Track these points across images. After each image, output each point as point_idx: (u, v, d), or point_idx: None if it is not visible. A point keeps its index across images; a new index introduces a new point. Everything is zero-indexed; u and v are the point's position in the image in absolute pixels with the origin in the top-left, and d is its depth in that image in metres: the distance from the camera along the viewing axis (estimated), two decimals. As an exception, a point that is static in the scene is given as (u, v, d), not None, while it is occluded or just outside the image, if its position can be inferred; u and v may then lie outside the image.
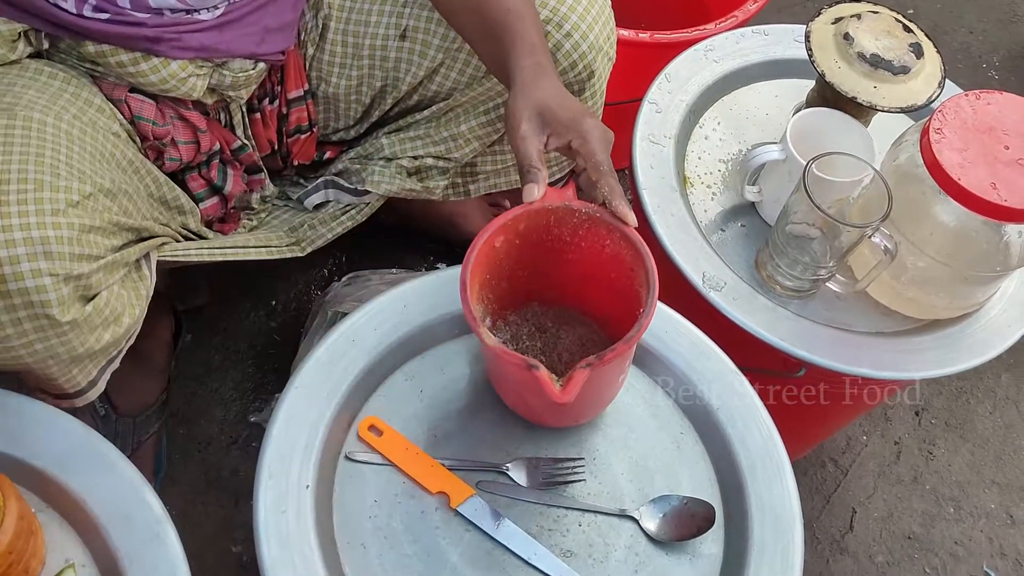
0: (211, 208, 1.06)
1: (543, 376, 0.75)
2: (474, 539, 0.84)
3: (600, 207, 0.82)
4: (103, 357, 0.90)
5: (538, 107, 0.83)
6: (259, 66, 1.03)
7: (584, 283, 0.88)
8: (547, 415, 0.89)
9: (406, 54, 1.08)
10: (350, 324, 0.92)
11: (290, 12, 1.04)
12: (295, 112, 1.12)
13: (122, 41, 0.93)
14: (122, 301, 0.88)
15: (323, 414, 0.86)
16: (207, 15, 0.97)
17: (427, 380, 0.92)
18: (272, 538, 0.80)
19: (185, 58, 0.96)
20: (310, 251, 1.13)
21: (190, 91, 0.99)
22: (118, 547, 0.78)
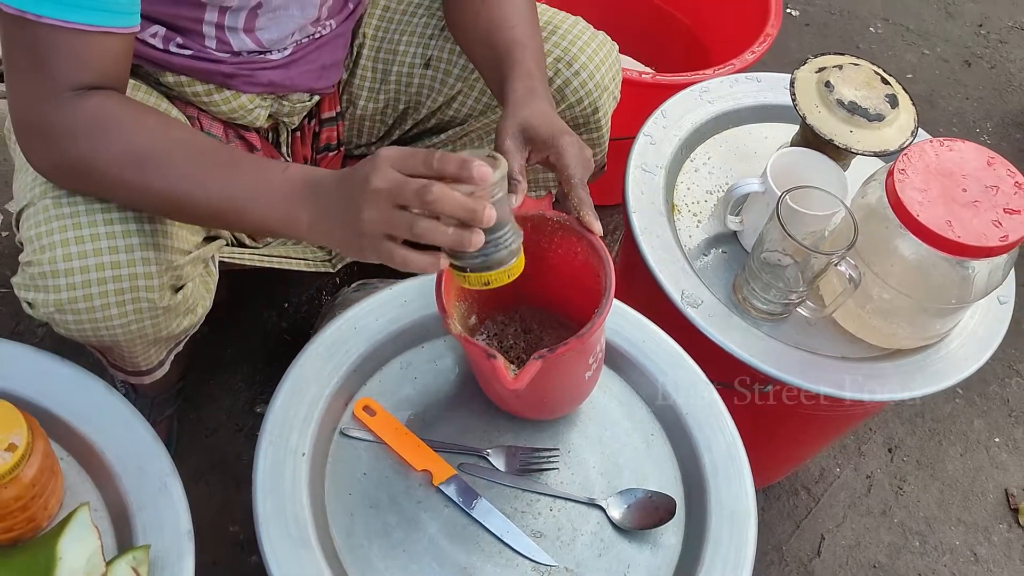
0: None
1: (499, 364, 0.81)
2: (452, 515, 0.92)
3: (571, 216, 0.90)
4: (175, 341, 1.01)
5: (522, 124, 0.91)
6: (314, 98, 1.14)
7: (565, 288, 0.96)
8: (520, 406, 0.96)
9: (428, 81, 1.18)
10: (354, 313, 1.01)
11: (341, 50, 1.14)
12: (326, 131, 1.22)
13: (200, 75, 1.03)
14: (198, 293, 0.99)
15: (323, 391, 0.95)
16: (277, 55, 1.06)
17: (421, 369, 1.00)
18: (268, 497, 0.88)
19: (254, 92, 1.06)
20: (340, 267, 1.21)
21: (254, 120, 1.09)
22: (129, 495, 0.86)
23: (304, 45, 1.09)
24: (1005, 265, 1.03)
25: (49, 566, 0.78)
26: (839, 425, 1.28)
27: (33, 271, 0.88)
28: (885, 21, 2.28)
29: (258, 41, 1.03)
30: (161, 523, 0.85)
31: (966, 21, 2.33)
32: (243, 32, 1.01)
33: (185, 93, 1.04)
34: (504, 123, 0.91)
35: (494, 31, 1.01)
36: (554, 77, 1.11)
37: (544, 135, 0.90)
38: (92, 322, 0.89)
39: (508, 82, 0.95)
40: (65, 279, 0.87)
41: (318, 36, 1.10)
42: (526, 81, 0.95)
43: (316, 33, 1.09)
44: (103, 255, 0.87)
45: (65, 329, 0.91)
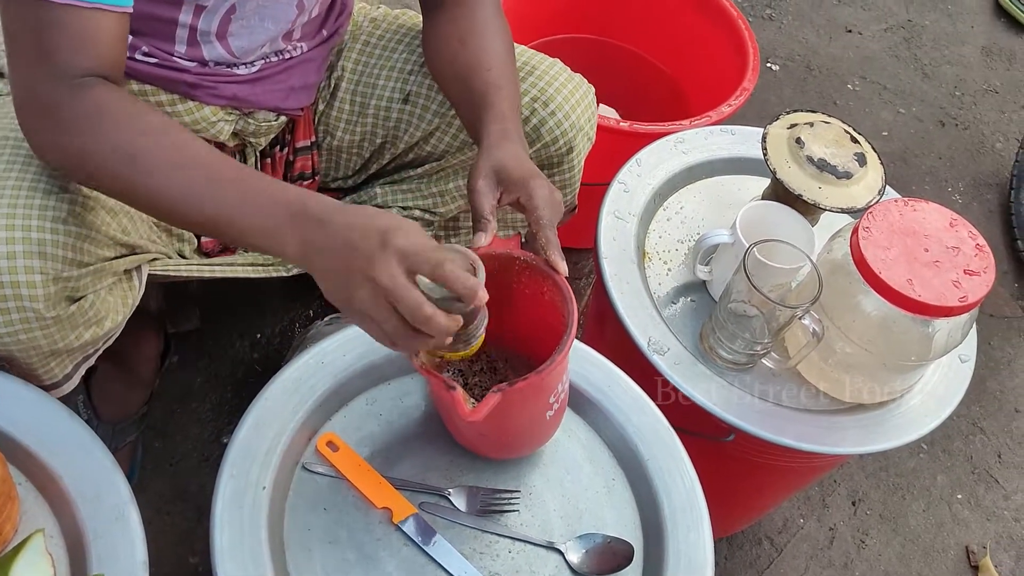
0: (210, 242, 1.16)
1: (458, 396, 0.82)
2: (411, 554, 0.92)
3: (537, 256, 0.92)
4: (80, 354, 0.98)
5: (495, 166, 0.92)
6: (280, 119, 1.15)
7: (531, 328, 0.96)
8: (482, 443, 0.97)
9: (407, 116, 1.19)
10: (321, 348, 1.01)
11: (313, 75, 1.16)
12: (300, 160, 1.23)
13: (165, 84, 1.04)
14: (107, 305, 0.96)
15: (286, 425, 0.95)
16: (244, 70, 1.08)
17: (386, 407, 1.01)
18: (226, 530, 0.87)
19: (217, 104, 1.07)
20: (295, 272, 1.21)
21: (217, 134, 1.09)
22: (86, 522, 0.86)
23: (273, 64, 1.10)
24: (965, 325, 1.05)
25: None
26: (801, 477, 1.29)
27: None
28: (863, 79, 2.33)
29: (229, 49, 1.04)
30: (117, 553, 0.84)
31: (942, 83, 2.39)
32: (215, 38, 1.02)
33: (149, 103, 1.04)
34: (477, 164, 0.93)
35: (471, 73, 1.03)
36: (530, 116, 1.13)
37: (516, 177, 0.91)
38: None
39: (483, 124, 0.97)
40: None
41: (288, 56, 1.11)
42: (500, 123, 0.97)
43: (286, 52, 1.11)
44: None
45: None
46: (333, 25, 1.16)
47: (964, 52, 2.49)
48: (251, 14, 1.02)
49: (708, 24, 1.71)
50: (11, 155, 0.90)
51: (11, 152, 0.90)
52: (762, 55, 2.27)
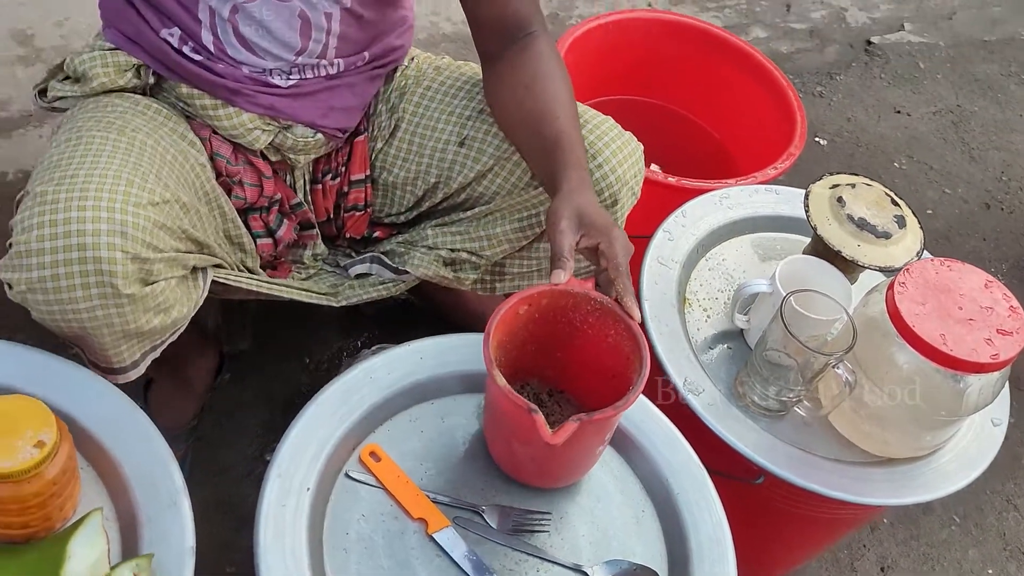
0: (264, 247, 1.23)
1: (540, 419, 0.87)
2: (442, 564, 0.95)
3: (612, 300, 0.97)
4: (148, 341, 1.06)
5: (577, 211, 0.99)
6: (318, 136, 1.22)
7: (583, 369, 1.01)
8: (528, 469, 1.01)
9: (461, 158, 1.26)
10: (371, 364, 1.06)
11: (353, 99, 1.24)
12: (354, 192, 1.30)
13: (209, 88, 1.14)
14: (175, 296, 1.04)
15: (333, 433, 1.00)
16: (280, 81, 1.17)
17: (428, 424, 1.05)
18: (270, 526, 0.92)
19: (255, 112, 1.17)
20: (344, 304, 1.28)
21: (254, 141, 1.18)
22: (140, 507, 0.91)
23: (310, 80, 1.18)
24: (996, 384, 1.07)
25: (57, 564, 0.83)
26: (829, 530, 1.30)
27: (13, 251, 0.96)
28: (910, 158, 2.37)
29: (246, 44, 1.13)
30: (167, 537, 0.89)
31: (989, 167, 2.42)
32: (229, 26, 1.11)
33: (196, 106, 1.15)
34: (560, 205, 0.99)
35: (540, 119, 1.10)
36: None
37: (599, 224, 0.98)
38: (59, 303, 0.96)
39: (560, 169, 1.04)
40: (36, 258, 0.95)
41: (325, 74, 1.19)
42: (578, 171, 1.04)
43: (322, 68, 1.19)
44: (72, 237, 0.94)
45: (38, 312, 0.98)
46: (377, 52, 1.23)
47: (1013, 139, 2.52)
48: (252, 11, 1.11)
49: (759, 90, 1.77)
50: (112, 147, 1.02)
51: (112, 145, 1.02)
52: (811, 130, 2.32)
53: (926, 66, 2.67)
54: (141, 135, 1.07)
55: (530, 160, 1.14)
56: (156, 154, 1.07)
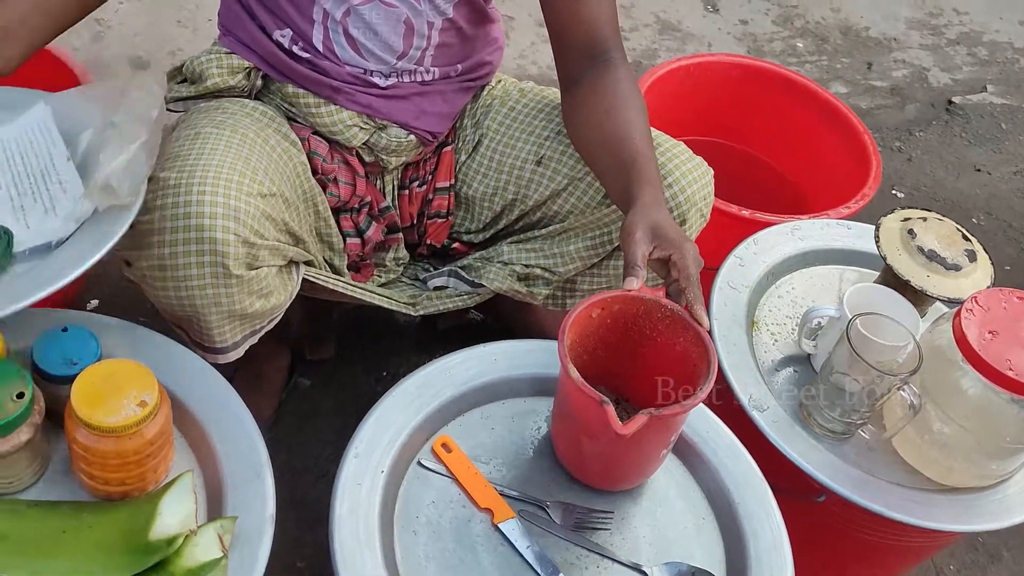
0: (352, 246, 1.31)
1: (611, 410, 0.91)
2: (506, 553, 0.99)
3: (683, 308, 1.01)
4: (248, 324, 1.15)
5: (652, 224, 1.04)
6: (410, 138, 1.30)
7: (648, 378, 1.04)
8: (593, 469, 1.04)
9: (538, 176, 1.32)
10: (447, 361, 1.12)
11: (444, 106, 1.32)
12: (439, 199, 1.37)
13: (314, 86, 1.24)
14: (274, 284, 1.14)
15: (409, 422, 1.05)
16: (379, 81, 1.26)
17: (498, 422, 1.10)
18: (346, 500, 0.97)
19: (354, 110, 1.26)
20: (422, 313, 1.35)
21: (351, 138, 1.27)
22: (226, 476, 0.97)
23: (405, 84, 1.27)
24: (1064, 413, 1.07)
25: (149, 519, 0.89)
26: (887, 558, 1.30)
27: (135, 231, 1.05)
28: (988, 215, 2.36)
29: (354, 46, 1.22)
30: (249, 505, 0.95)
31: (1071, 228, 2.39)
32: (341, 31, 1.21)
33: (300, 105, 1.26)
34: (635, 218, 1.05)
35: (617, 144, 1.16)
36: None
37: (672, 237, 1.03)
38: (175, 280, 1.06)
39: (635, 187, 1.09)
40: (157, 237, 1.05)
41: (420, 80, 1.27)
42: (653, 189, 1.09)
43: (417, 74, 1.27)
44: (190, 219, 1.04)
45: (153, 289, 1.08)
46: (469, 66, 1.31)
47: (1096, 202, 2.49)
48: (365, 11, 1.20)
49: (835, 137, 1.80)
50: (225, 143, 1.12)
51: (226, 141, 1.12)
52: (888, 182, 2.34)
53: (1008, 127, 2.66)
54: (251, 133, 1.17)
55: (605, 179, 1.19)
56: (263, 151, 1.17)
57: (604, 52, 1.22)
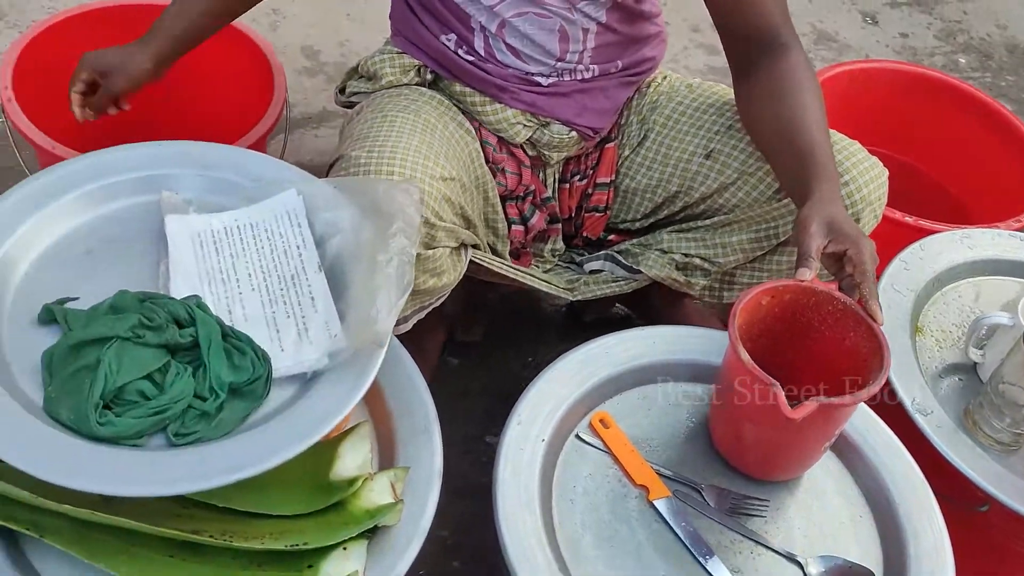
0: (516, 233, 1.35)
1: (780, 394, 0.92)
2: (660, 530, 1.00)
3: (856, 302, 1.01)
4: (419, 301, 1.20)
5: (828, 218, 1.04)
6: (572, 134, 1.33)
7: (811, 370, 1.03)
8: (752, 457, 1.04)
9: (705, 169, 1.32)
10: (606, 341, 1.14)
11: (606, 102, 1.34)
12: (598, 194, 1.40)
13: (479, 85, 1.28)
14: (446, 264, 1.18)
15: (570, 395, 1.07)
16: (542, 80, 1.29)
17: (656, 403, 1.11)
18: (508, 464, 1.00)
19: (518, 108, 1.30)
20: (579, 298, 1.37)
21: (515, 135, 1.31)
22: (397, 431, 1.02)
23: (567, 82, 1.30)
24: None
25: (329, 462, 0.94)
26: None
27: None
28: None
29: (514, 53, 1.26)
30: (419, 458, 0.99)
31: None
32: (500, 40, 1.25)
33: (467, 103, 1.30)
34: (811, 211, 1.05)
35: (792, 132, 1.15)
36: None
37: (848, 232, 1.03)
38: None
39: (812, 180, 1.09)
40: None
41: (581, 78, 1.30)
42: (830, 183, 1.09)
43: (578, 73, 1.29)
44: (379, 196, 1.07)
45: None
46: (630, 61, 1.33)
47: None
48: (519, 23, 1.24)
49: (1004, 148, 1.74)
50: (411, 127, 1.18)
51: (411, 124, 1.19)
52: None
53: None
54: (432, 119, 1.23)
55: (779, 169, 1.19)
56: (443, 136, 1.22)
57: (775, 38, 1.21)
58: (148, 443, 0.85)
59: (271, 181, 1.04)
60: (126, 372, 0.85)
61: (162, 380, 0.86)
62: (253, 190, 1.03)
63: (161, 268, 0.96)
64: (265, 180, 1.04)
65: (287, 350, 0.92)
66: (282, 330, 0.93)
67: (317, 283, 0.97)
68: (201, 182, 1.04)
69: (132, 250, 0.98)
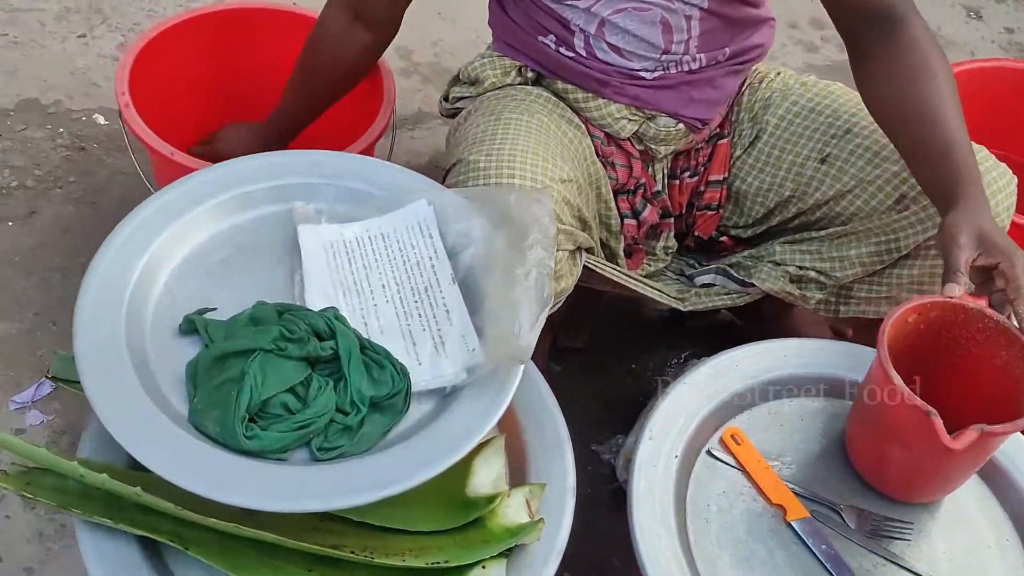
0: (629, 227, 1.32)
1: (938, 423, 0.88)
2: (799, 552, 0.97)
3: (1008, 321, 0.96)
4: None
5: (977, 229, 0.99)
6: (679, 126, 1.29)
7: (952, 391, 0.98)
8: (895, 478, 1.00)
9: (820, 175, 1.28)
10: (734, 354, 1.11)
11: (713, 92, 1.30)
12: (710, 192, 1.36)
13: (581, 80, 1.26)
14: (565, 268, 1.16)
15: (700, 409, 1.05)
16: (647, 74, 1.26)
17: (788, 419, 1.08)
18: (642, 480, 0.98)
19: (622, 103, 1.27)
20: (690, 309, 1.34)
21: (620, 130, 1.28)
22: (528, 446, 1.00)
23: (672, 75, 1.26)
24: None
25: (463, 477, 0.93)
26: None
27: None
28: None
29: (616, 51, 1.23)
30: (551, 473, 0.97)
31: None
32: (601, 39, 1.22)
33: (570, 100, 1.29)
34: (958, 220, 1.00)
35: (925, 124, 1.10)
36: None
37: (1000, 244, 0.98)
38: None
39: (957, 184, 1.04)
40: None
41: (686, 69, 1.26)
42: (976, 188, 1.04)
43: (684, 64, 1.26)
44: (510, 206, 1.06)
45: None
46: (738, 49, 1.28)
47: None
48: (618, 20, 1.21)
49: None
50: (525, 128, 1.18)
51: (525, 126, 1.18)
52: None
53: None
54: (543, 118, 1.21)
55: (912, 163, 1.14)
56: (556, 136, 1.21)
57: (892, 14, 1.14)
58: (291, 457, 0.84)
59: (401, 191, 1.02)
60: (270, 385, 0.84)
61: (304, 393, 0.86)
62: (383, 200, 1.02)
63: (295, 278, 0.96)
64: (395, 190, 1.02)
65: (424, 364, 0.91)
66: (418, 343, 0.92)
67: (451, 295, 0.95)
68: (331, 192, 1.03)
69: (266, 260, 0.98)
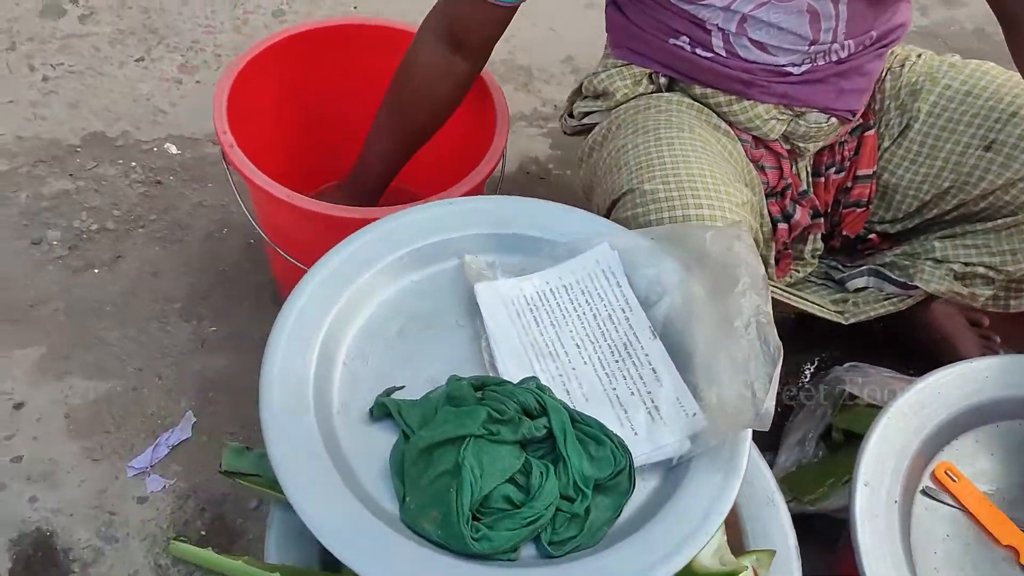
0: (781, 232, 1.23)
1: None
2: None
3: None
4: None
5: None
6: (831, 121, 1.20)
7: None
8: None
9: (985, 163, 1.19)
10: (935, 379, 1.03)
11: (861, 80, 1.21)
12: (859, 187, 1.27)
13: (723, 83, 1.16)
14: None
15: (909, 447, 0.98)
16: (794, 70, 1.16)
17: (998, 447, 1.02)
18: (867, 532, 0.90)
19: (770, 103, 1.17)
20: (851, 322, 1.26)
21: (769, 132, 1.19)
22: (741, 505, 0.92)
23: (821, 67, 1.16)
24: None
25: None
26: None
27: None
28: None
29: (760, 47, 1.14)
30: (768, 533, 0.90)
31: None
32: (743, 36, 1.13)
33: (710, 104, 1.19)
34: None
35: None
36: None
37: None
38: None
39: None
40: None
41: (836, 59, 1.16)
42: None
43: (833, 54, 1.16)
44: None
45: None
46: (883, 30, 1.19)
47: None
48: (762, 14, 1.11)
49: None
50: (690, 147, 1.09)
51: (688, 144, 1.09)
52: None
53: None
54: (702, 131, 1.12)
55: None
56: (717, 151, 1.12)
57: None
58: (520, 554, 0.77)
59: (577, 235, 0.94)
60: (489, 477, 0.77)
61: (525, 482, 0.78)
62: (558, 247, 0.94)
63: (482, 344, 0.88)
64: (570, 235, 0.94)
65: (640, 434, 0.83)
66: (630, 410, 0.84)
67: (655, 352, 0.87)
68: (498, 241, 0.95)
69: (444, 326, 0.89)
